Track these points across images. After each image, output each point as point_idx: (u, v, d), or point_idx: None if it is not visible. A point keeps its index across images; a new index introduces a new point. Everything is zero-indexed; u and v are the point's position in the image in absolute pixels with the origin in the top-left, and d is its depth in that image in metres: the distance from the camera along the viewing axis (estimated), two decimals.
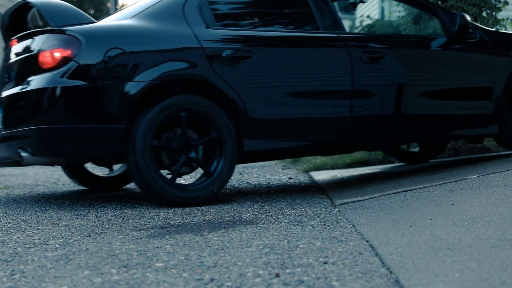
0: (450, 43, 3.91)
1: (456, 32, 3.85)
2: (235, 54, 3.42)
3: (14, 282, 1.91)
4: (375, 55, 3.71)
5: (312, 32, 3.73)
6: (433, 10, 4.06)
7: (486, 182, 3.33)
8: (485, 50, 3.97)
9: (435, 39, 4.00)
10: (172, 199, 3.26)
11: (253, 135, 3.44)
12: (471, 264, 1.86)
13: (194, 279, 1.90)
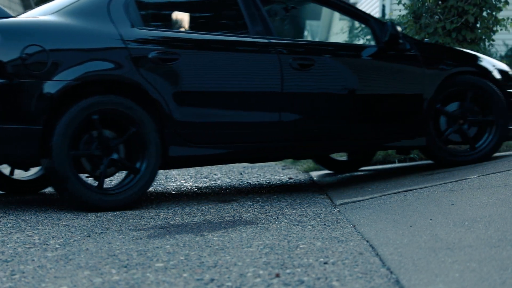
0: (380, 53, 3.86)
1: (387, 42, 3.79)
2: (161, 56, 3.32)
3: (14, 282, 1.91)
4: (305, 62, 3.62)
5: (242, 36, 3.64)
6: (364, 19, 4.00)
7: (486, 182, 3.33)
8: (414, 61, 3.89)
9: (366, 48, 3.98)
10: (94, 203, 3.15)
11: (179, 140, 3.35)
12: (472, 264, 1.86)
13: (194, 279, 1.90)
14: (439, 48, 4.27)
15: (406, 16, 5.65)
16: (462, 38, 5.30)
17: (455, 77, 3.96)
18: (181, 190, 4.18)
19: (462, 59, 4.15)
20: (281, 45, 3.64)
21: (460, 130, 3.99)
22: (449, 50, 4.31)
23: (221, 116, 3.48)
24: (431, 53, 4.06)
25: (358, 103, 3.77)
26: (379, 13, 12.00)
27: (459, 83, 3.99)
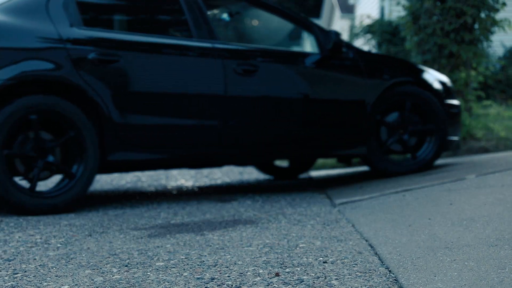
0: (324, 61, 3.81)
1: (330, 50, 3.75)
2: (101, 57, 3.25)
3: (16, 281, 1.92)
4: (249, 68, 3.58)
5: (186, 40, 3.57)
6: (308, 26, 3.91)
7: (484, 181, 3.35)
8: (357, 70, 3.86)
9: (309, 55, 3.86)
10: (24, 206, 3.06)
11: (119, 143, 3.27)
12: (470, 263, 1.88)
13: (195, 278, 1.91)
14: (382, 58, 4.20)
15: (405, 17, 5.66)
16: (460, 39, 5.33)
17: (396, 87, 3.94)
18: (182, 190, 4.20)
19: (404, 69, 4.13)
20: (225, 50, 3.58)
21: (401, 140, 3.98)
22: (392, 60, 4.26)
23: (163, 120, 3.40)
24: (373, 62, 4.02)
25: (300, 110, 3.70)
26: (378, 14, 12.01)
27: (400, 94, 3.96)
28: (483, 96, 6.09)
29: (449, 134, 4.07)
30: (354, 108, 3.85)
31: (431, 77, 4.13)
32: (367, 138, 3.86)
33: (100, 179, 4.76)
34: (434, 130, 4.01)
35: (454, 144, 4.18)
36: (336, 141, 3.84)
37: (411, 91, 3.99)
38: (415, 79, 4.06)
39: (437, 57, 5.43)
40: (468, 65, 5.51)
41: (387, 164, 4.00)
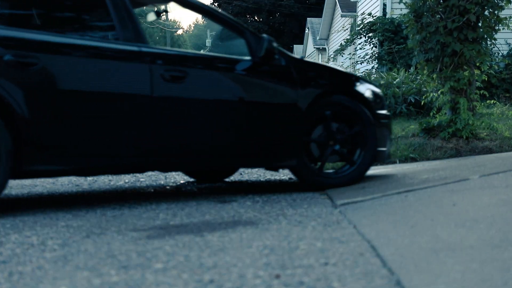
0: (255, 68, 3.69)
1: (262, 57, 3.65)
2: (19, 60, 3.05)
3: (12, 283, 1.89)
4: (177, 74, 3.44)
5: (111, 42, 3.37)
6: (240, 30, 3.74)
7: (488, 182, 3.32)
8: (289, 78, 3.74)
9: (240, 62, 3.69)
10: None
11: (35, 151, 3.10)
12: (473, 265, 1.85)
13: (194, 280, 1.88)
14: (315, 66, 4.08)
15: (407, 15, 5.63)
16: (463, 37, 5.29)
17: (328, 97, 3.86)
18: (181, 191, 4.17)
19: (337, 79, 4.04)
20: (153, 55, 3.41)
21: (334, 151, 3.90)
22: (325, 69, 4.13)
23: (84, 127, 3.23)
24: (306, 71, 3.89)
25: (229, 119, 3.61)
26: (380, 12, 11.98)
27: (331, 103, 3.88)
28: (487, 95, 6.06)
29: (379, 145, 3.99)
30: (285, 118, 3.73)
31: (363, 87, 4.04)
32: (297, 149, 3.75)
33: (98, 180, 4.74)
34: (364, 142, 3.93)
35: (383, 155, 4.07)
36: (265, 152, 3.71)
37: (343, 101, 3.90)
38: (348, 89, 3.97)
39: (440, 56, 5.39)
40: (472, 64, 5.47)
41: (314, 176, 3.87)
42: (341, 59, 14.98)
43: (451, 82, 5.33)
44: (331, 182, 3.91)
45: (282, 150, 3.76)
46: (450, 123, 5.41)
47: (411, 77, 7.63)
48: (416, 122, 6.21)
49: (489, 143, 5.33)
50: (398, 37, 10.53)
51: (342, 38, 16.75)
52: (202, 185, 4.45)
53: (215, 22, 3.81)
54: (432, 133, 5.55)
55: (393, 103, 7.15)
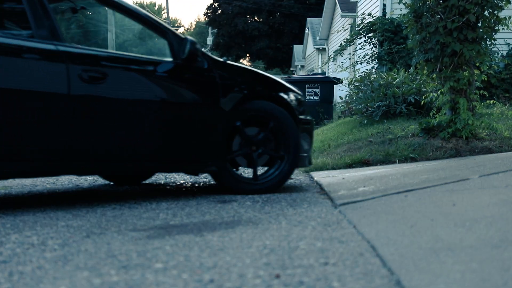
0: (177, 70, 3.61)
1: (185, 59, 3.58)
2: None
3: (13, 283, 1.89)
4: (96, 75, 3.32)
5: (25, 40, 3.22)
6: (163, 31, 3.66)
7: (488, 182, 3.32)
8: (211, 82, 3.67)
9: (162, 64, 3.59)
10: None
11: None
12: (473, 265, 1.85)
13: (194, 280, 1.88)
14: (239, 69, 3.93)
15: (407, 15, 5.63)
16: (463, 37, 5.29)
17: (251, 101, 3.81)
18: (181, 190, 4.17)
19: (260, 83, 3.95)
20: (70, 54, 3.28)
21: (250, 155, 3.86)
22: (249, 73, 3.97)
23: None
24: (229, 74, 3.81)
25: (149, 122, 3.49)
26: (380, 12, 11.98)
27: (254, 109, 3.83)
28: (487, 95, 6.06)
29: (301, 151, 3.97)
30: (206, 122, 3.66)
31: (286, 92, 4.00)
32: (217, 154, 3.69)
33: (98, 179, 4.74)
34: (287, 148, 3.90)
35: (305, 160, 4.05)
36: (185, 156, 3.64)
37: (266, 106, 3.85)
38: (272, 94, 3.92)
39: (439, 56, 5.39)
40: (471, 64, 5.47)
41: (234, 181, 3.81)
42: (341, 59, 14.99)
43: (451, 82, 5.33)
44: (253, 188, 3.84)
45: (202, 155, 3.67)
46: (450, 123, 5.42)
47: (411, 77, 7.64)
48: (416, 122, 6.21)
49: (488, 143, 5.33)
50: (398, 37, 10.53)
51: (342, 38, 16.75)
52: (120, 188, 4.32)
53: (135, 21, 3.67)
54: (431, 133, 5.55)
55: (393, 103, 7.15)
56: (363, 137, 6.05)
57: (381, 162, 5.20)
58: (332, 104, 9.92)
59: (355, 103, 7.63)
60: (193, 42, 3.59)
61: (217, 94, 3.68)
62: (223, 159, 3.74)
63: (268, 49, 33.27)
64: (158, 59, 3.63)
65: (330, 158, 5.33)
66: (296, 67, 33.79)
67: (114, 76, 3.41)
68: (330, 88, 9.67)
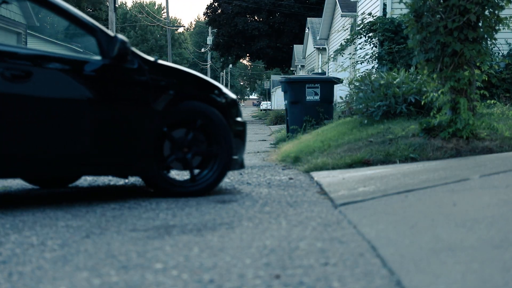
0: (105, 69, 3.49)
1: (114, 58, 3.47)
2: None
3: (12, 283, 1.89)
4: (19, 73, 3.22)
5: None
6: (90, 28, 3.53)
7: (488, 182, 3.31)
8: (141, 82, 3.56)
9: (90, 62, 3.48)
10: None
11: None
12: (474, 265, 1.84)
13: (194, 280, 1.88)
14: (170, 70, 3.81)
15: (407, 15, 5.62)
16: (464, 37, 5.28)
17: (183, 102, 3.73)
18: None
19: (193, 84, 3.87)
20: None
21: (184, 158, 3.77)
22: (181, 73, 3.85)
23: None
24: (160, 74, 3.70)
25: (74, 123, 3.38)
26: (380, 12, 11.97)
27: (187, 110, 3.75)
28: (487, 95, 6.05)
29: (233, 153, 3.90)
30: (136, 122, 3.55)
31: (219, 93, 3.94)
32: (147, 156, 3.59)
33: (98, 180, 4.74)
34: (219, 150, 3.83)
35: (237, 163, 3.98)
36: (113, 158, 3.53)
37: (198, 107, 3.78)
38: (204, 95, 3.85)
39: (440, 56, 5.38)
40: (472, 64, 5.46)
41: (166, 184, 3.71)
42: (341, 59, 14.98)
43: (451, 82, 5.32)
44: (188, 190, 3.76)
45: (132, 158, 3.56)
46: (450, 123, 5.41)
47: (411, 77, 7.62)
48: (416, 122, 6.20)
49: (489, 143, 5.32)
50: (398, 37, 10.52)
51: (342, 38, 16.74)
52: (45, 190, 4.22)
53: (61, 17, 3.52)
54: (432, 133, 5.54)
55: (393, 103, 7.14)
56: (363, 137, 6.04)
57: (381, 162, 5.20)
58: (332, 104, 9.90)
59: (355, 103, 7.62)
60: (123, 41, 3.48)
61: (147, 94, 3.58)
62: (154, 161, 3.62)
63: (268, 49, 33.25)
64: (86, 58, 3.53)
65: (330, 158, 5.32)
66: (296, 67, 33.78)
67: (39, 75, 3.30)
68: (330, 88, 9.65)
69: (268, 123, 20.58)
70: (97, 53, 3.54)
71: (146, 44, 70.42)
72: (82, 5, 44.92)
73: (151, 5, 76.06)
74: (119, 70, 3.54)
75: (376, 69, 10.51)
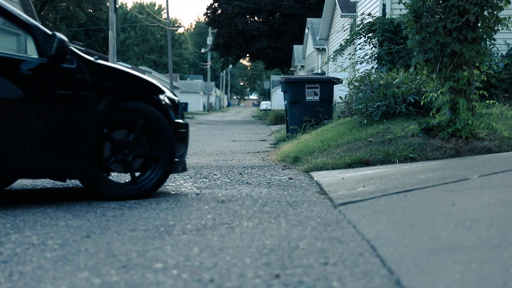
0: (43, 68, 3.38)
1: (52, 57, 3.36)
2: None
3: (13, 283, 1.89)
4: None
5: None
6: (27, 26, 3.40)
7: (487, 182, 3.32)
8: (80, 82, 3.45)
9: (27, 61, 3.36)
10: None
11: None
12: (473, 265, 1.85)
13: (194, 280, 1.88)
14: (110, 70, 3.69)
15: (406, 16, 5.62)
16: (463, 37, 5.29)
17: (124, 103, 3.63)
18: (180, 190, 4.17)
19: (134, 84, 3.76)
20: None
21: (124, 160, 3.69)
22: (121, 74, 3.73)
23: None
24: (100, 74, 3.59)
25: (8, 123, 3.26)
26: (380, 12, 11.97)
27: (127, 110, 3.65)
28: (486, 95, 6.06)
29: (175, 155, 3.84)
30: (74, 123, 3.44)
31: (161, 94, 3.86)
32: (86, 158, 3.49)
33: None
34: (161, 152, 3.76)
35: (179, 165, 3.92)
36: (50, 161, 3.41)
37: (139, 108, 3.69)
38: (145, 95, 3.76)
39: (439, 56, 5.39)
40: (471, 64, 5.47)
41: (105, 186, 3.60)
42: (341, 59, 14.99)
43: (451, 82, 5.33)
44: (128, 194, 3.66)
45: (70, 160, 3.46)
46: (450, 123, 5.41)
47: (410, 77, 7.63)
48: (415, 122, 6.20)
49: (488, 143, 5.33)
50: (397, 37, 10.53)
51: (342, 38, 16.74)
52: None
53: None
54: (431, 133, 5.55)
55: (393, 103, 7.14)
56: (363, 137, 6.04)
57: (381, 162, 5.20)
58: (332, 104, 9.90)
59: (355, 103, 7.63)
60: (61, 40, 3.37)
61: (87, 94, 3.47)
62: (93, 163, 3.53)
63: (268, 49, 33.25)
64: (23, 56, 3.43)
65: (330, 158, 5.33)
66: (296, 67, 33.77)
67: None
68: (330, 88, 9.65)
69: (268, 123, 20.60)
70: None
71: (146, 44, 70.42)
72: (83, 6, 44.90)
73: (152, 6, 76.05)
74: (57, 69, 3.43)
75: (376, 69, 10.51)
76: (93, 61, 3.61)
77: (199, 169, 5.58)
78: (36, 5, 35.77)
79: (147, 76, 3.99)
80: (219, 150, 8.37)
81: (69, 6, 43.59)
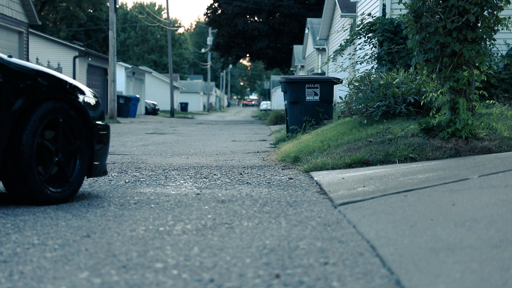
0: None
1: None
2: None
3: (13, 283, 1.89)
4: None
5: None
6: None
7: (487, 182, 3.32)
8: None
9: None
10: None
11: None
12: (473, 265, 1.85)
13: (194, 279, 1.89)
14: (25, 68, 3.49)
15: (406, 16, 5.63)
16: (463, 38, 5.29)
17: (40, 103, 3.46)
18: (181, 190, 4.17)
19: (52, 84, 3.59)
20: None
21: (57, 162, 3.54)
22: (40, 74, 3.55)
23: None
24: (16, 75, 3.39)
25: None
26: (380, 12, 11.97)
27: (44, 111, 3.47)
28: (486, 95, 6.06)
29: (95, 159, 3.75)
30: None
31: (81, 94, 3.75)
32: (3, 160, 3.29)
33: (99, 180, 4.74)
34: (78, 154, 3.66)
35: (98, 169, 3.83)
36: None
37: (60, 110, 3.56)
38: (62, 95, 3.62)
39: (439, 56, 5.39)
40: (471, 64, 5.47)
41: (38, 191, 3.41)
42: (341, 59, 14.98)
43: (451, 82, 5.33)
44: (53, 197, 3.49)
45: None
46: (450, 123, 5.42)
47: (410, 77, 7.63)
48: (415, 122, 6.20)
49: (488, 143, 5.33)
50: (397, 37, 10.53)
51: (342, 38, 16.74)
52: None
53: None
54: (431, 133, 5.55)
55: (393, 103, 7.14)
56: (363, 137, 6.04)
57: (380, 162, 5.20)
58: (332, 104, 9.90)
59: (355, 103, 7.63)
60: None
61: (0, 94, 3.28)
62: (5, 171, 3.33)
63: (268, 49, 33.25)
64: None
65: (330, 158, 5.33)
66: (296, 67, 33.78)
67: None
68: (330, 88, 9.65)
69: (268, 123, 20.60)
70: None
71: (146, 44, 70.41)
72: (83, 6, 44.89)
73: (152, 6, 76.05)
74: None
75: (376, 69, 10.51)
76: (7, 60, 3.41)
77: (199, 169, 5.58)
78: (36, 5, 35.78)
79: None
80: (219, 150, 8.37)
81: (69, 6, 43.59)
